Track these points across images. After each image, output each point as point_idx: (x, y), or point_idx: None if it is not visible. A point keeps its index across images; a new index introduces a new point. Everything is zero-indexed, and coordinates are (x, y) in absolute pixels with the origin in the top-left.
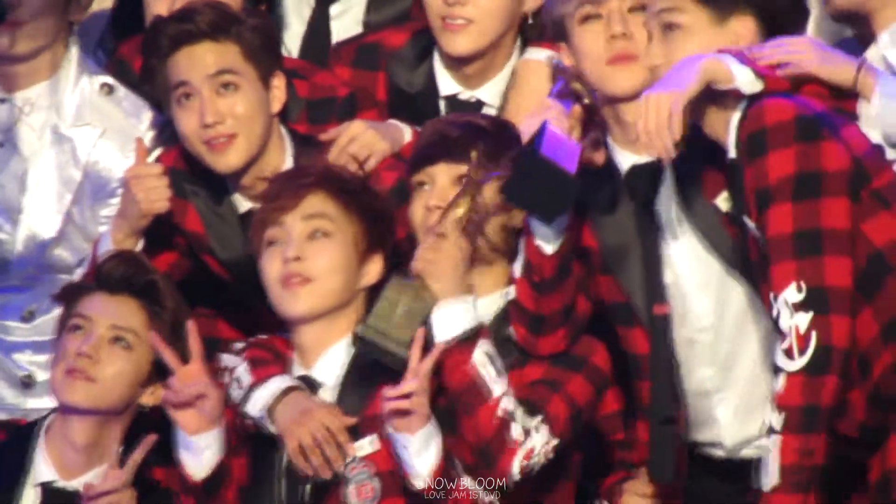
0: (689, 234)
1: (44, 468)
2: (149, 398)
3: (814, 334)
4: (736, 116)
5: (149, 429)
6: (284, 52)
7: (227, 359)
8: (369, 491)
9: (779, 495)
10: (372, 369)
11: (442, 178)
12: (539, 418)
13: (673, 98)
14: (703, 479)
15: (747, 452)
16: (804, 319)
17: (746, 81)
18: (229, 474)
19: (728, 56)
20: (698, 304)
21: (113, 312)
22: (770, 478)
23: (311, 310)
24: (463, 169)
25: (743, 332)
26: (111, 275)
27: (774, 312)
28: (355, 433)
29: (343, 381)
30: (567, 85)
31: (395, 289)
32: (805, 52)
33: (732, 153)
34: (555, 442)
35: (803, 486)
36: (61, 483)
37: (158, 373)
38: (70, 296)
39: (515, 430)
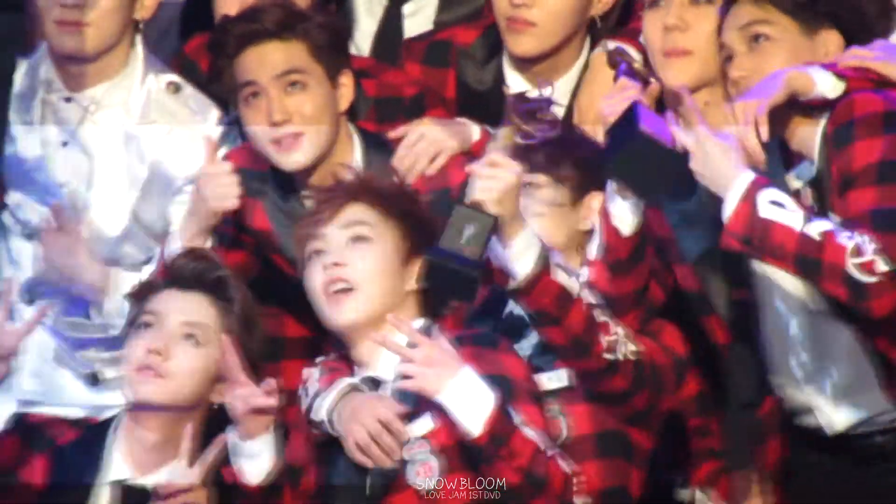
0: None
1: (117, 465)
2: (219, 395)
3: None
4: (822, 123)
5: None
6: (355, 51)
7: (306, 371)
8: (428, 469)
9: None
10: None
11: None
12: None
13: (759, 103)
14: (810, 454)
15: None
16: None
17: (828, 85)
18: (287, 478)
19: (810, 66)
20: (783, 289)
21: (184, 309)
22: None
23: (357, 320)
24: None
25: (834, 316)
26: (182, 271)
27: None
28: (413, 414)
29: (398, 372)
30: (630, 67)
31: (459, 215)
32: (877, 53)
33: (817, 161)
34: (633, 347)
35: None
36: (134, 480)
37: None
38: (141, 293)
39: (599, 315)
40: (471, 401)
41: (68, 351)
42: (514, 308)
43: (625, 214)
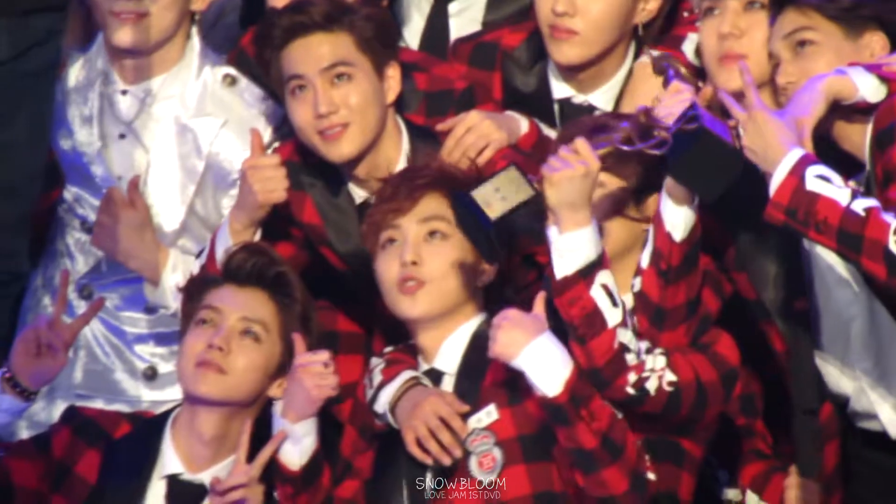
0: None
1: (171, 460)
2: (277, 390)
3: None
4: (870, 126)
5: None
6: (404, 46)
7: (373, 361)
8: (491, 460)
9: None
10: (486, 347)
11: None
12: (661, 350)
13: (802, 124)
14: (872, 454)
15: None
16: None
17: (870, 89)
18: (324, 461)
19: (852, 68)
20: (841, 296)
21: (242, 304)
22: None
23: (428, 312)
24: None
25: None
26: (240, 267)
27: None
28: (476, 406)
29: (460, 365)
30: (678, 73)
31: (506, 175)
32: None
33: (868, 164)
34: (672, 378)
35: None
36: (188, 476)
37: (287, 365)
38: (197, 288)
39: (630, 357)
40: (548, 363)
41: (124, 345)
42: None
43: (678, 220)
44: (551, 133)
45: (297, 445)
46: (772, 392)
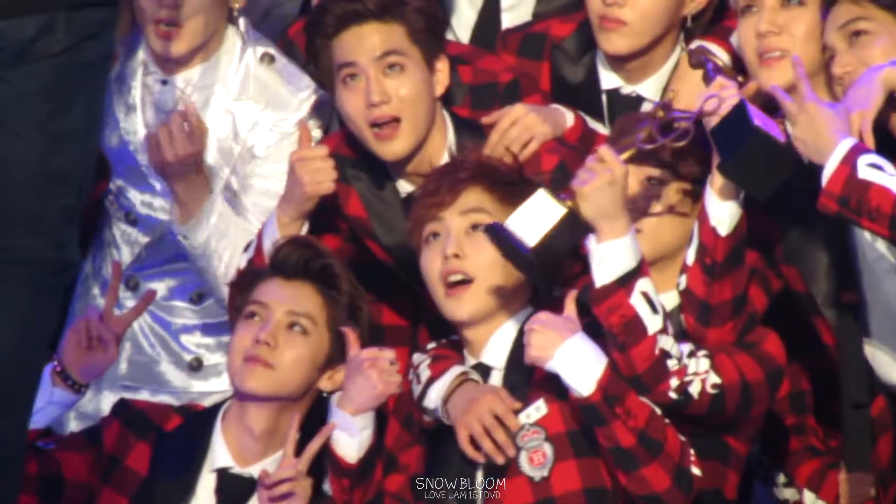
0: None
1: (221, 454)
2: (327, 383)
3: None
4: None
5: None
6: (453, 39)
7: (416, 357)
8: (542, 456)
9: None
10: None
11: None
12: (704, 352)
13: (861, 117)
14: None
15: None
16: None
17: None
18: (380, 453)
19: None
20: (891, 287)
21: (289, 298)
22: None
23: (475, 314)
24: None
25: None
26: (287, 260)
27: None
28: (526, 402)
29: (508, 360)
30: (717, 66)
31: (538, 197)
32: None
33: None
34: (716, 380)
35: None
36: (237, 469)
37: (336, 358)
38: (245, 282)
39: (671, 363)
40: (581, 363)
41: (170, 336)
42: None
43: (723, 215)
44: (597, 126)
45: (355, 438)
46: (825, 387)
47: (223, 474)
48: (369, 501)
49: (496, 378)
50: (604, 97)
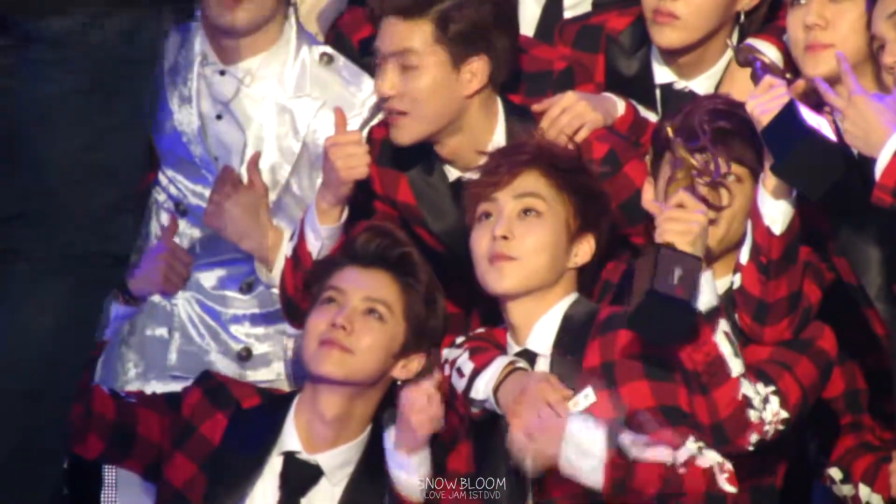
0: None
1: (290, 438)
2: (400, 371)
3: None
4: None
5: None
6: None
7: (447, 352)
8: None
9: None
10: (579, 329)
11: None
12: (771, 388)
13: None
14: None
15: None
16: None
17: None
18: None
19: None
20: None
21: (366, 285)
22: None
23: (515, 287)
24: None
25: None
26: (365, 248)
27: None
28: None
29: (555, 346)
30: (765, 65)
31: (666, 258)
32: None
33: None
34: (784, 415)
35: None
36: (305, 455)
37: (411, 347)
38: (322, 269)
39: (753, 414)
40: (584, 454)
41: (220, 326)
42: None
43: (777, 214)
44: (649, 115)
45: (413, 476)
46: (879, 383)
47: (289, 458)
48: None
49: (543, 364)
50: (657, 91)
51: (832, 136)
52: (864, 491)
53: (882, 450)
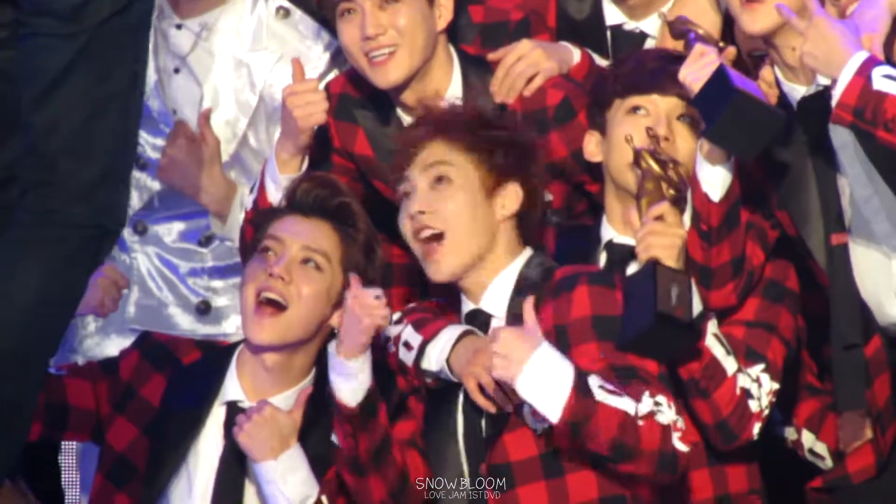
0: (863, 159)
1: (232, 388)
2: (338, 320)
3: None
4: None
5: None
6: None
7: (388, 329)
8: None
9: None
10: (534, 291)
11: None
12: (761, 366)
13: (870, 41)
14: None
15: None
16: None
17: None
18: (380, 400)
19: None
20: (879, 228)
21: (305, 234)
22: None
23: (455, 271)
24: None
25: None
26: (304, 197)
27: None
28: None
29: (509, 309)
30: (698, 35)
31: (664, 277)
32: None
33: None
34: (775, 387)
35: None
36: (248, 404)
37: None
38: (261, 218)
39: (753, 405)
40: (546, 385)
41: (178, 279)
42: None
43: (715, 180)
44: (603, 63)
45: (350, 382)
46: (822, 330)
47: (232, 408)
48: (377, 448)
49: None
50: (608, 33)
51: (762, 97)
52: (807, 437)
53: (823, 393)
